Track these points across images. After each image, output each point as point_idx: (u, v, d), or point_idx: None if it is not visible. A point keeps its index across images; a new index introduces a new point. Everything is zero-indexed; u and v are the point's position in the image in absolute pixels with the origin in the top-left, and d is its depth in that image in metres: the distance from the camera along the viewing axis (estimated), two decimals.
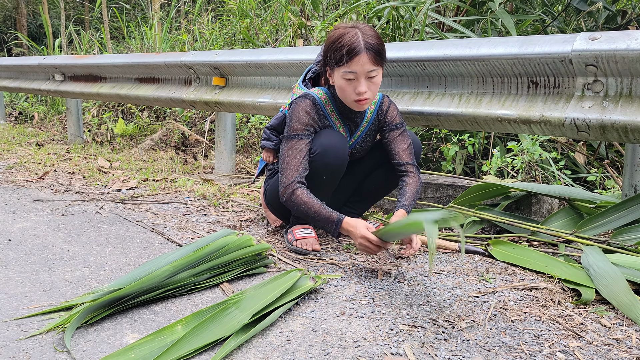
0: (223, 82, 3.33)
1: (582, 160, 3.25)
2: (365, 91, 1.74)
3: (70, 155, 4.15)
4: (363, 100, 1.76)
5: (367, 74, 1.72)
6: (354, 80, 1.74)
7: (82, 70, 4.51)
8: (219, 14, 7.02)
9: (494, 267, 1.74)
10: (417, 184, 1.90)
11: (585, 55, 1.82)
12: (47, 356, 1.15)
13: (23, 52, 10.61)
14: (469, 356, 1.17)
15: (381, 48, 1.73)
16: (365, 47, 1.69)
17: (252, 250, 1.67)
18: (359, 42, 1.69)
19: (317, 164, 1.81)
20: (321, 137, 1.83)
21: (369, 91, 1.75)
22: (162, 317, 1.36)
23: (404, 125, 1.98)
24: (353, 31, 1.72)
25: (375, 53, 1.71)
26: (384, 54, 1.76)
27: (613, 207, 1.97)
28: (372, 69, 1.72)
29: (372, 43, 1.70)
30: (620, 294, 1.46)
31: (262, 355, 1.17)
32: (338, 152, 1.81)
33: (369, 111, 1.96)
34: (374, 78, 1.74)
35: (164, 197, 2.78)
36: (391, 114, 1.97)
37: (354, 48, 1.69)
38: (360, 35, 1.71)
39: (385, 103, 1.98)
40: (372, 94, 1.78)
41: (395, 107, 1.99)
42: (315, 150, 1.81)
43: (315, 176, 1.82)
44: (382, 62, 1.75)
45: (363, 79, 1.73)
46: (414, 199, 1.86)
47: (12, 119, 7.10)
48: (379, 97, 2.00)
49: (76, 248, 1.93)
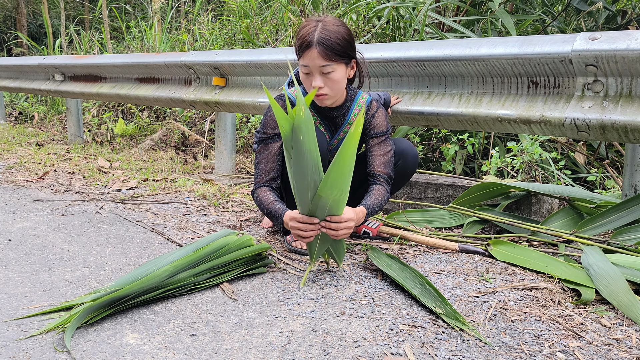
0: (223, 82, 3.33)
1: (582, 160, 3.25)
2: (320, 86, 1.71)
3: (70, 155, 4.16)
4: (320, 96, 1.74)
5: (320, 69, 1.69)
6: (310, 74, 1.72)
7: (82, 70, 4.51)
8: (219, 14, 7.02)
9: (494, 267, 1.73)
10: (383, 193, 1.82)
11: (585, 55, 1.82)
12: (47, 356, 1.15)
13: (23, 52, 10.61)
14: (469, 356, 1.17)
15: (338, 43, 1.67)
16: (317, 41, 1.65)
17: (252, 250, 1.67)
18: (312, 36, 1.66)
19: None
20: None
21: (326, 87, 1.72)
22: (162, 317, 1.36)
23: (388, 134, 1.91)
24: (313, 24, 1.69)
25: (325, 48, 1.65)
26: (342, 50, 1.69)
27: (613, 207, 1.97)
28: (323, 64, 1.68)
29: (325, 37, 1.65)
30: (620, 294, 1.46)
31: (262, 355, 1.17)
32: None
33: (354, 113, 1.90)
34: (329, 74, 1.70)
35: (164, 197, 2.78)
36: (376, 120, 1.89)
37: (305, 42, 1.67)
38: (318, 29, 1.67)
39: (372, 108, 1.91)
40: (331, 90, 1.74)
41: (382, 113, 1.91)
42: None
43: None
44: (337, 58, 1.68)
45: (317, 74, 1.70)
46: (378, 205, 1.78)
47: (12, 119, 7.10)
48: (367, 100, 1.92)
49: (76, 248, 1.93)
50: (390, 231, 2.03)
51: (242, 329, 1.30)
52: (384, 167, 1.86)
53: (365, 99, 1.92)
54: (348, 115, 1.91)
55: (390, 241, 2.03)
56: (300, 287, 1.57)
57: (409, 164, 1.97)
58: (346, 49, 1.70)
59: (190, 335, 1.26)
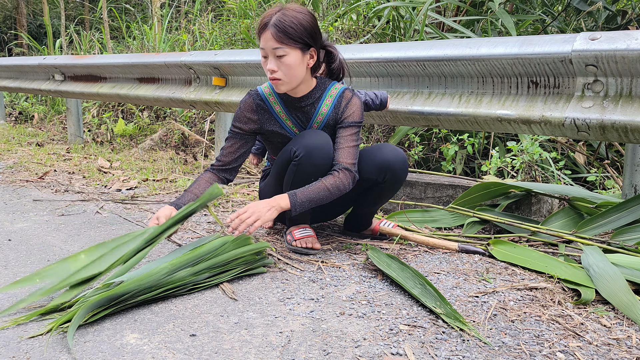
0: (223, 82, 3.33)
1: (582, 160, 3.25)
2: (273, 69, 1.72)
3: (70, 155, 4.16)
4: (274, 80, 1.74)
5: (273, 52, 1.70)
6: (267, 58, 1.74)
7: (82, 70, 4.51)
8: (219, 14, 7.02)
9: (494, 267, 1.73)
10: (331, 181, 1.74)
11: (585, 55, 1.82)
12: (47, 356, 1.15)
13: (23, 52, 10.61)
14: (469, 356, 1.17)
15: (291, 27, 1.68)
16: (272, 23, 1.68)
17: (250, 249, 1.67)
18: (269, 19, 1.69)
19: (304, 166, 1.77)
20: (304, 138, 1.79)
21: (280, 71, 1.72)
22: (162, 317, 1.36)
23: (359, 126, 1.85)
24: (276, 9, 1.72)
25: (278, 30, 1.67)
26: (296, 34, 1.68)
27: (613, 208, 1.97)
28: (276, 46, 1.69)
29: (281, 20, 1.67)
30: (620, 294, 1.46)
31: (262, 355, 1.17)
32: (323, 152, 1.77)
33: (325, 104, 1.86)
34: (282, 58, 1.71)
35: (164, 197, 2.78)
36: (349, 110, 1.84)
37: (262, 24, 1.71)
38: (277, 14, 1.70)
39: (345, 97, 1.86)
40: (285, 76, 1.73)
41: (356, 103, 1.85)
42: (299, 153, 1.77)
43: (306, 178, 1.79)
44: (290, 42, 1.69)
45: (272, 57, 1.72)
46: (314, 194, 1.73)
47: (12, 119, 7.10)
48: (339, 90, 1.87)
49: (76, 248, 1.93)
50: (390, 231, 2.03)
51: (242, 329, 1.30)
52: (348, 157, 1.80)
53: (338, 89, 1.87)
54: (319, 105, 1.86)
55: (390, 241, 2.03)
56: (300, 287, 1.57)
57: (398, 175, 1.87)
58: (301, 34, 1.70)
59: (190, 335, 1.26)
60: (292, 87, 1.80)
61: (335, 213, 2.11)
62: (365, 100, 2.21)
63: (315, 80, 1.88)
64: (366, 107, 2.22)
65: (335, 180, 1.75)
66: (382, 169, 1.84)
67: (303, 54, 1.74)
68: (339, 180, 1.76)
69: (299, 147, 1.78)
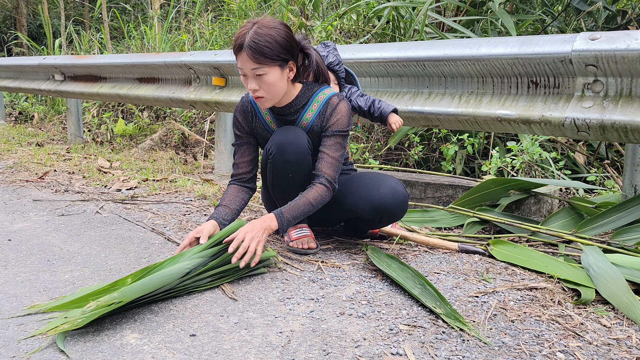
0: (223, 82, 3.33)
1: (582, 160, 3.25)
2: (255, 89, 1.70)
3: (70, 155, 4.16)
4: (257, 99, 1.73)
5: (252, 72, 1.67)
6: (246, 76, 1.71)
7: (82, 70, 4.51)
8: (219, 14, 7.02)
9: (494, 267, 1.73)
10: (314, 195, 1.73)
11: (585, 55, 1.82)
12: (47, 356, 1.15)
13: (23, 52, 10.61)
14: (468, 356, 1.17)
15: (267, 47, 1.63)
16: (247, 44, 1.64)
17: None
18: (242, 39, 1.65)
19: (277, 164, 1.77)
20: (276, 135, 1.78)
21: (262, 89, 1.70)
22: (162, 317, 1.36)
23: (344, 134, 1.79)
24: (248, 26, 1.67)
25: (254, 51, 1.63)
26: (273, 53, 1.65)
27: (613, 208, 1.97)
28: (254, 67, 1.66)
29: (254, 41, 1.62)
30: (620, 294, 1.46)
31: (262, 355, 1.17)
32: (296, 147, 1.74)
33: (310, 109, 1.81)
34: (262, 77, 1.67)
35: (164, 197, 2.78)
36: (334, 117, 1.78)
37: (237, 45, 1.67)
38: (251, 32, 1.65)
39: (331, 104, 1.79)
40: (267, 93, 1.71)
41: (343, 110, 1.79)
42: (272, 151, 1.76)
43: (281, 176, 1.79)
44: (267, 62, 1.65)
45: (251, 76, 1.69)
46: (299, 210, 1.72)
47: (12, 119, 7.10)
48: (327, 96, 1.81)
49: (76, 248, 1.93)
50: (390, 231, 2.03)
51: (242, 329, 1.30)
52: (330, 168, 1.77)
53: (326, 95, 1.82)
54: (303, 111, 1.82)
55: (390, 241, 2.03)
56: (300, 287, 1.57)
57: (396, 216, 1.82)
58: (278, 52, 1.66)
59: (190, 335, 1.26)
60: (276, 102, 1.79)
61: (336, 221, 2.10)
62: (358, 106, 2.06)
63: (299, 87, 1.84)
64: (361, 112, 2.09)
65: (317, 195, 1.75)
66: (378, 210, 1.78)
67: (282, 69, 1.71)
68: (319, 195, 1.75)
69: (271, 145, 1.78)
